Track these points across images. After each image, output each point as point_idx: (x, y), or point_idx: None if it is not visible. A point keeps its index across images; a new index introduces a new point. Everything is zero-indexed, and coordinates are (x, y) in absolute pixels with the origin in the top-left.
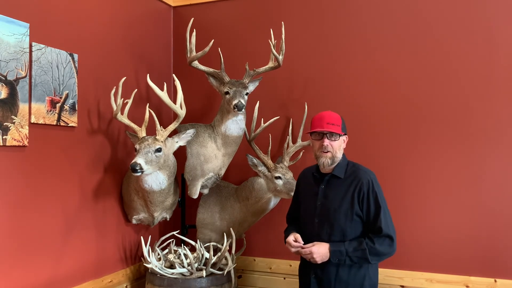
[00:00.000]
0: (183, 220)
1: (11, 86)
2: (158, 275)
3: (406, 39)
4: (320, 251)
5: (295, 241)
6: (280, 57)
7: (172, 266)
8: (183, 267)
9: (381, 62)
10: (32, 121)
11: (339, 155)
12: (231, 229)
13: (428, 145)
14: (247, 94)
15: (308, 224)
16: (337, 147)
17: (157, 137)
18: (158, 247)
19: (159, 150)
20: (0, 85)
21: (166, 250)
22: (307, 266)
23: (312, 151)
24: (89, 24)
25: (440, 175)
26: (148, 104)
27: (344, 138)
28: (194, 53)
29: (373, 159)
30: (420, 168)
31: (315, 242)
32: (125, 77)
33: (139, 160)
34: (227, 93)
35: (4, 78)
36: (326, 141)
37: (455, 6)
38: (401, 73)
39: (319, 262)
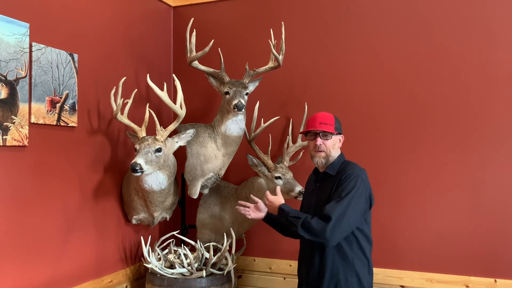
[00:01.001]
0: (183, 220)
1: (11, 86)
2: (158, 275)
3: (406, 39)
4: (272, 199)
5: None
6: (280, 57)
7: (172, 266)
8: (183, 267)
9: (381, 62)
10: (32, 121)
11: (334, 154)
12: (231, 229)
13: (429, 145)
14: (247, 94)
15: None
16: (330, 146)
17: (157, 137)
18: (158, 247)
19: (159, 150)
20: (0, 85)
21: (166, 250)
22: (300, 263)
23: (308, 151)
24: (89, 24)
25: (440, 175)
26: (148, 104)
27: (339, 137)
28: (194, 53)
29: (373, 159)
30: (420, 168)
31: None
32: (125, 77)
33: (139, 160)
34: (227, 93)
35: (4, 78)
36: (319, 140)
37: (456, 5)
38: (402, 73)
39: (262, 211)
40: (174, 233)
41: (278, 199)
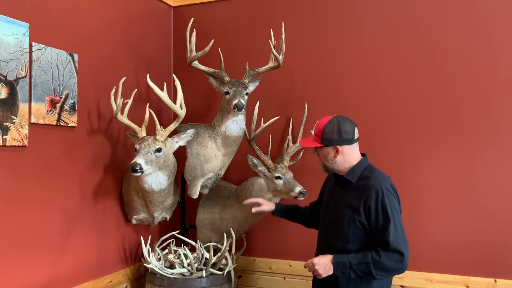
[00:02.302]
0: (183, 220)
1: (11, 86)
2: (158, 275)
3: (406, 39)
4: (321, 261)
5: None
6: (280, 57)
7: (172, 266)
8: (183, 267)
9: (382, 62)
10: (32, 121)
11: (330, 164)
12: (231, 229)
13: (429, 144)
14: (247, 94)
15: (321, 223)
16: (323, 157)
17: (157, 137)
18: (158, 247)
19: (159, 150)
20: (0, 85)
21: (166, 250)
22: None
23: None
24: (89, 24)
25: (440, 175)
26: (148, 104)
27: (329, 149)
28: (194, 53)
29: (372, 159)
30: (420, 168)
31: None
32: (125, 77)
33: (139, 160)
34: (227, 93)
35: (4, 78)
36: (315, 151)
37: (456, 5)
38: (402, 73)
39: (323, 274)
40: (174, 233)
41: (324, 256)
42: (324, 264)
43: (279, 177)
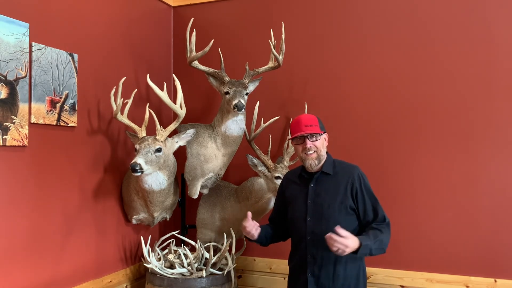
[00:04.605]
0: (183, 220)
1: (11, 86)
2: (158, 275)
3: (406, 39)
4: (352, 245)
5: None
6: (280, 57)
7: (172, 266)
8: (183, 267)
9: (381, 62)
10: (32, 121)
11: (324, 153)
12: (231, 229)
13: (428, 145)
14: (247, 94)
15: (299, 225)
16: (320, 146)
17: (157, 137)
18: (158, 247)
19: (159, 150)
20: (0, 85)
21: (166, 250)
22: (303, 265)
23: (297, 155)
24: (89, 24)
25: (440, 175)
26: (148, 104)
27: (324, 136)
28: (194, 53)
29: (372, 160)
30: (420, 168)
31: (347, 235)
32: (125, 77)
33: (139, 160)
34: (227, 93)
35: (4, 78)
36: (309, 143)
37: (455, 7)
38: (401, 74)
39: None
40: (174, 233)
41: (353, 238)
42: (354, 248)
43: (279, 177)
